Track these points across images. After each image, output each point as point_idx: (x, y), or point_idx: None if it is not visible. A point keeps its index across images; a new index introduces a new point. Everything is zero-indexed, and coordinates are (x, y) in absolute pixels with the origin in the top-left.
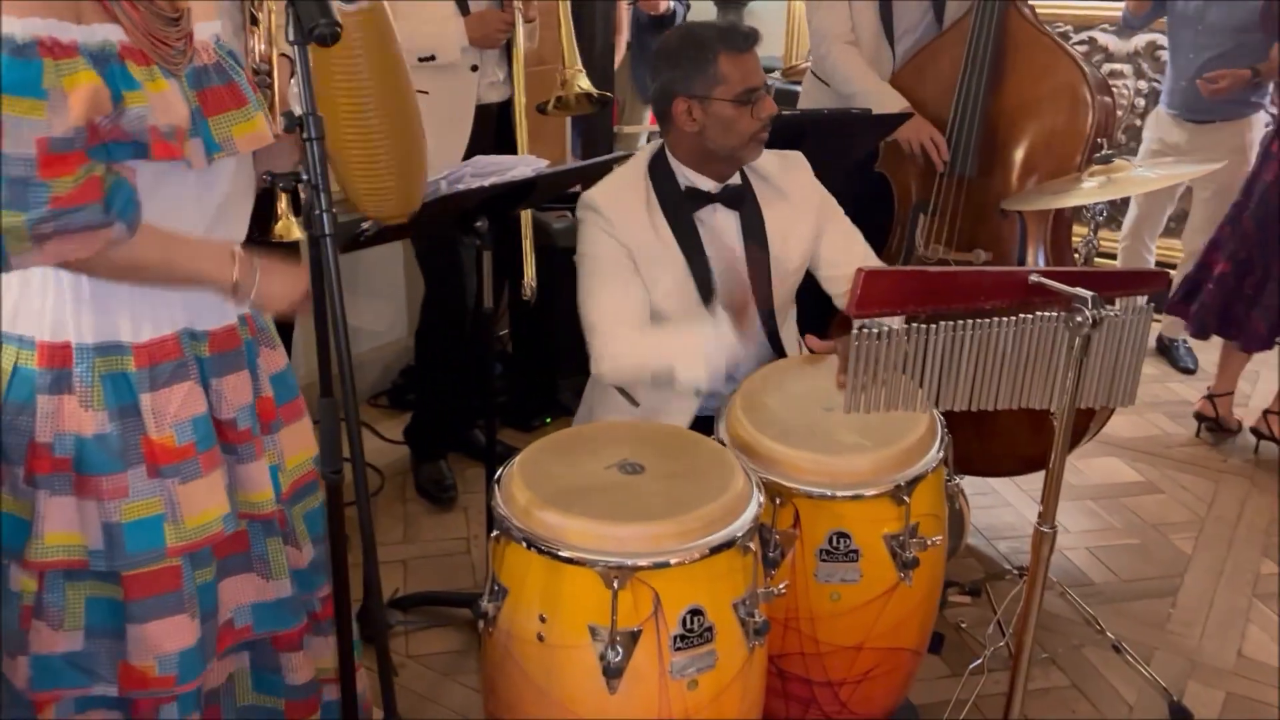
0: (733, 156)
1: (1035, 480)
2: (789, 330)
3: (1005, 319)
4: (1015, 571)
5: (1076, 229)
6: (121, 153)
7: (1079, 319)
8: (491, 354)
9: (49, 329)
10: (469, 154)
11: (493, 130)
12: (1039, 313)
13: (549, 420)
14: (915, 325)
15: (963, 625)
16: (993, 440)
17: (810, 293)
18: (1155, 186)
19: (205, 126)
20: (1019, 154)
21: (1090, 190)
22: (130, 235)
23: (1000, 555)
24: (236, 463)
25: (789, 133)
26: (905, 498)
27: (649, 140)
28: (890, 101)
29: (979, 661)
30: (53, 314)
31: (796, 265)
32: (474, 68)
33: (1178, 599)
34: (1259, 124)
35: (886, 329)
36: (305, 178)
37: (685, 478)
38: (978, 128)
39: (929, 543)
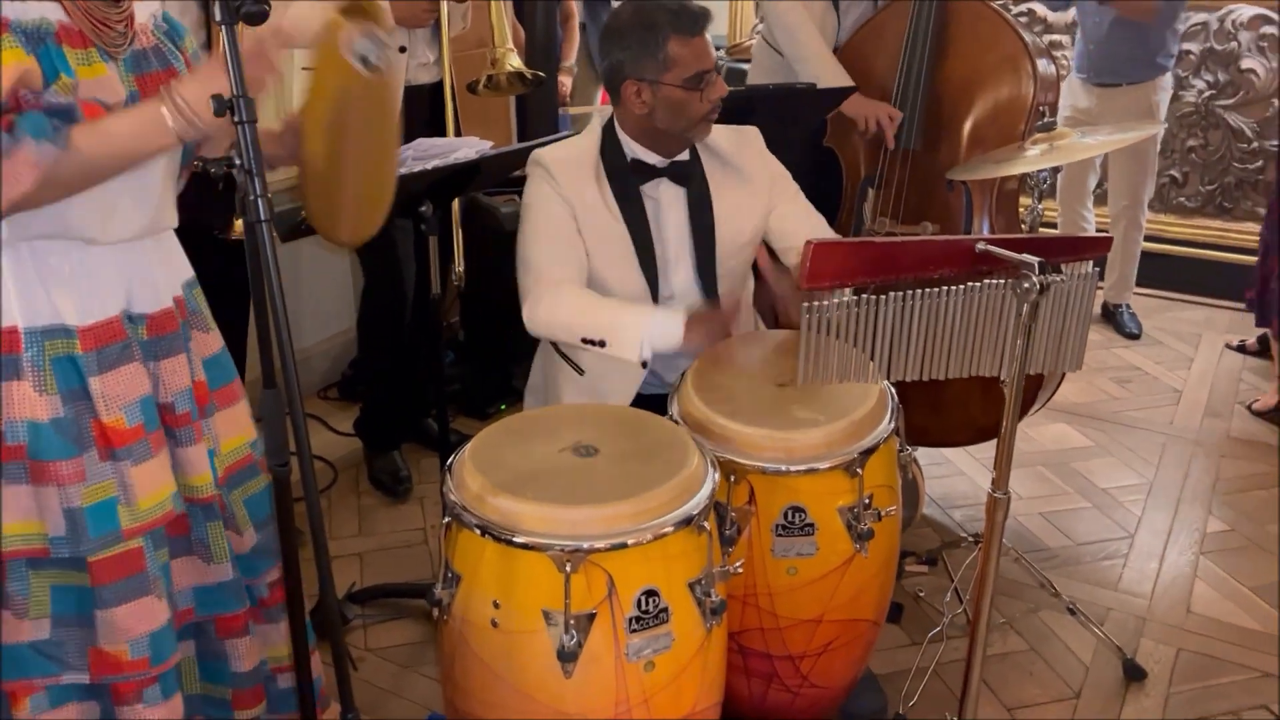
0: (681, 137)
1: (988, 449)
2: (745, 305)
3: (953, 288)
4: (970, 539)
5: (1022, 200)
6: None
7: (1026, 285)
8: (441, 341)
9: None
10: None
11: (425, 112)
12: (986, 280)
13: (504, 406)
14: (865, 296)
15: (921, 594)
16: (946, 411)
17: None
18: (1096, 153)
19: None
20: (964, 126)
21: (1034, 158)
22: (61, 147)
23: (956, 524)
24: (175, 446)
25: (737, 108)
26: (858, 470)
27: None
28: (835, 77)
29: (938, 629)
30: None
31: (747, 240)
32: (402, 49)
33: (1128, 559)
34: (1165, 86)
35: (837, 300)
36: (238, 162)
37: (639, 458)
38: (923, 101)
39: (883, 514)
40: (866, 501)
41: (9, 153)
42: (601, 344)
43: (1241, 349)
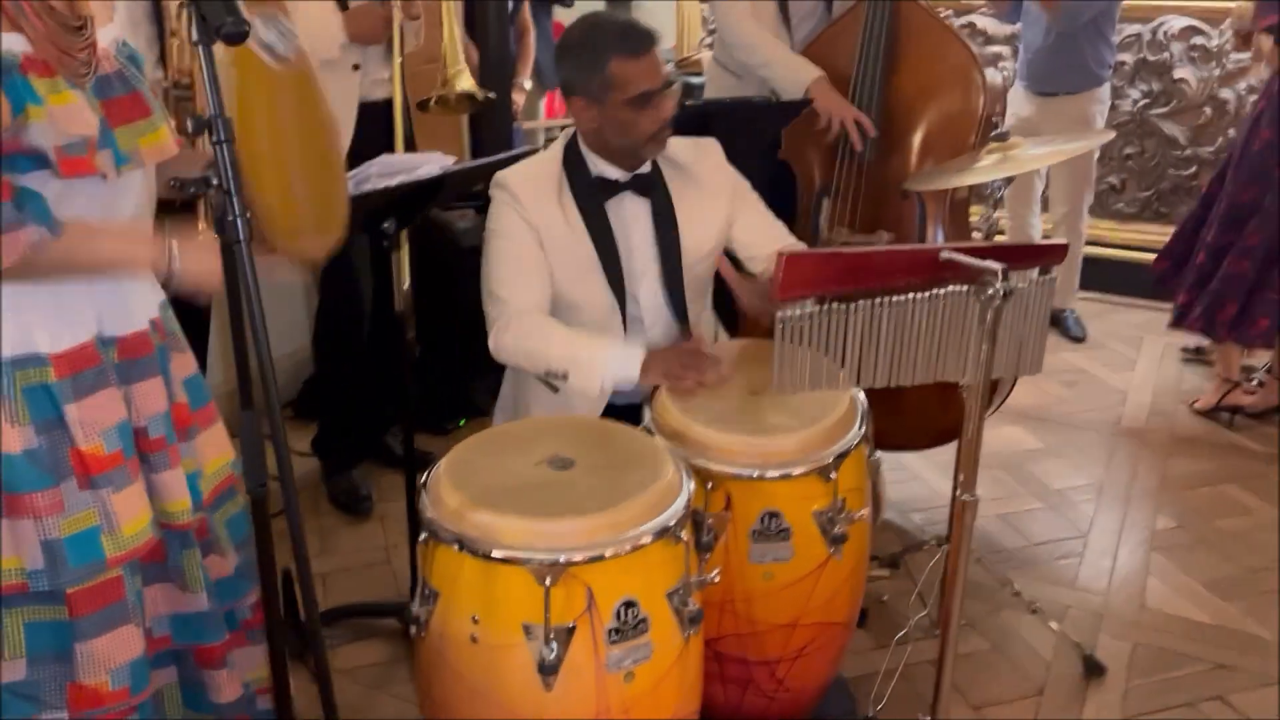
0: (633, 151)
1: (942, 453)
2: (705, 317)
3: (919, 295)
4: (933, 541)
5: (976, 208)
6: (23, 164)
7: (990, 292)
8: (407, 358)
9: None
10: (356, 152)
11: (381, 129)
12: (951, 288)
13: (463, 422)
14: (834, 305)
15: (884, 598)
16: (904, 416)
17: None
18: (1049, 162)
19: (111, 137)
20: (916, 137)
21: (987, 168)
22: (54, 236)
23: (916, 527)
24: (150, 472)
25: (694, 122)
26: (832, 474)
27: (546, 135)
28: (802, 69)
29: (904, 632)
30: None
31: (709, 250)
32: (356, 66)
33: (1083, 558)
34: (1102, 97)
35: (809, 310)
36: (216, 182)
37: (615, 470)
38: (876, 113)
39: (855, 516)
40: (840, 505)
41: (8, 229)
42: (564, 377)
43: (1199, 351)
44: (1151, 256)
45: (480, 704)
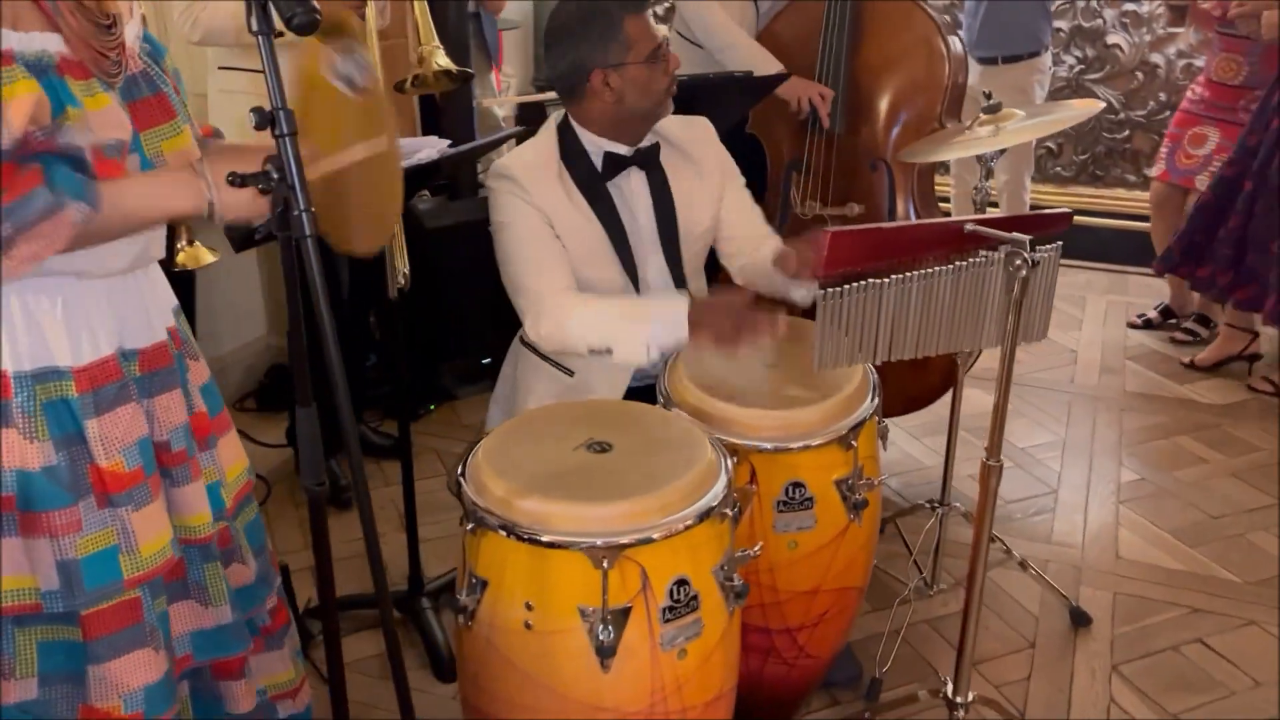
0: (649, 114)
1: (913, 419)
2: (701, 294)
3: (946, 268)
4: (928, 504)
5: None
6: (57, 162)
7: (1018, 262)
8: (403, 346)
9: None
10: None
11: None
12: (970, 259)
13: (433, 407)
14: (870, 281)
15: (875, 563)
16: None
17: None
18: (1045, 133)
19: (138, 140)
20: (883, 108)
21: (983, 139)
22: (96, 210)
23: (894, 492)
24: (171, 486)
25: (680, 97)
26: (852, 442)
27: (503, 114)
28: (762, 61)
29: (905, 594)
30: None
31: (705, 228)
32: None
33: (1056, 513)
34: (1043, 68)
35: (850, 287)
36: (277, 176)
37: (654, 451)
38: (843, 86)
39: (874, 483)
40: (859, 472)
41: (52, 213)
42: (608, 351)
43: (1148, 325)
44: (1090, 219)
45: (534, 690)
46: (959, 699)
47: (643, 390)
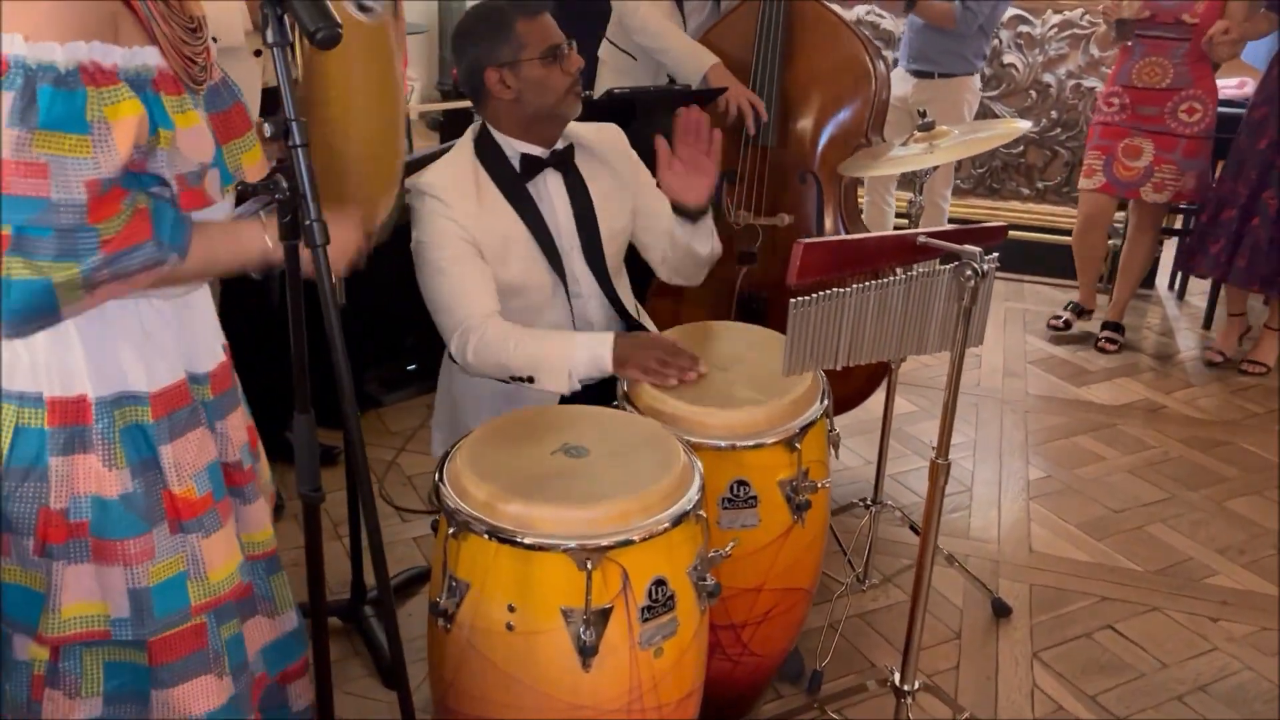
0: (554, 114)
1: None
2: (624, 291)
3: (899, 277)
4: (861, 503)
5: (900, 194)
6: (147, 183)
7: (968, 272)
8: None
9: (58, 383)
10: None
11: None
12: (922, 269)
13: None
14: (835, 290)
15: None
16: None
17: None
18: (976, 151)
19: (220, 155)
20: (812, 122)
21: (918, 156)
22: (184, 260)
23: None
24: (242, 504)
25: (621, 110)
26: (797, 445)
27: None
28: (701, 55)
29: (843, 590)
30: (60, 366)
31: (622, 226)
32: (257, 52)
33: (972, 510)
34: (974, 87)
35: (818, 295)
36: (285, 185)
37: (629, 454)
38: (775, 101)
39: (818, 486)
40: (804, 474)
41: (153, 266)
42: (530, 380)
43: (1068, 326)
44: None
45: (515, 690)
46: (906, 687)
47: (589, 390)
